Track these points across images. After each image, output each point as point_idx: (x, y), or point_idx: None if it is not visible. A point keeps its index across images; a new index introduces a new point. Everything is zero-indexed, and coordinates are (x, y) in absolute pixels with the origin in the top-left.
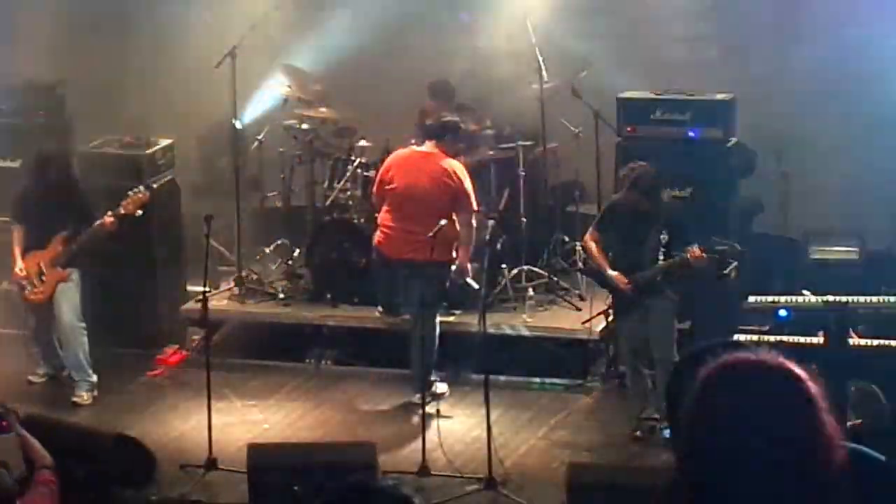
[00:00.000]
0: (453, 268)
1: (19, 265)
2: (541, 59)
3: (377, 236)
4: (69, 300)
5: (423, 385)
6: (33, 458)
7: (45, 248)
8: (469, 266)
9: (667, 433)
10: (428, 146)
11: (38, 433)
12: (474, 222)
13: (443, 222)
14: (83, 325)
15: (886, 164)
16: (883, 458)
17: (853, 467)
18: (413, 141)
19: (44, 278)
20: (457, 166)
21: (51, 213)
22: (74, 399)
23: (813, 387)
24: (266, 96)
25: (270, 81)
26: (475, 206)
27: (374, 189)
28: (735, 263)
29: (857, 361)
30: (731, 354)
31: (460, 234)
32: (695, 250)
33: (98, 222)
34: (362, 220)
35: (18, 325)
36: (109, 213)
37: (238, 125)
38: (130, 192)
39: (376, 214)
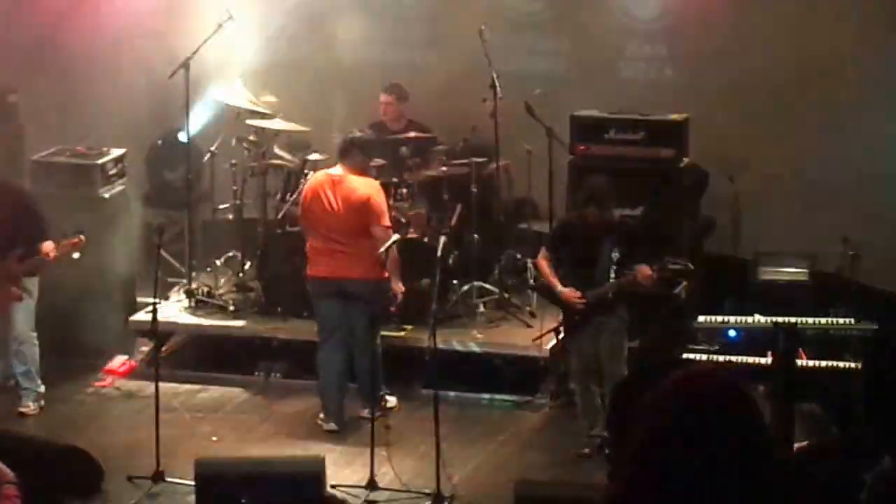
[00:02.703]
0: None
1: None
2: (495, 75)
3: (309, 267)
4: (24, 309)
5: (373, 400)
6: None
7: None
8: (397, 285)
9: None
10: (337, 167)
11: None
12: (390, 237)
13: (395, 237)
14: (35, 334)
15: (837, 187)
16: (826, 480)
17: (797, 489)
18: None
19: None
20: (361, 183)
21: (4, 234)
22: (21, 409)
23: (760, 408)
24: (211, 107)
25: (223, 92)
26: (385, 222)
27: (300, 219)
28: (684, 283)
29: (804, 382)
30: (683, 372)
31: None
32: (644, 269)
33: (39, 256)
34: None
35: None
36: (52, 248)
37: (183, 137)
38: (69, 235)
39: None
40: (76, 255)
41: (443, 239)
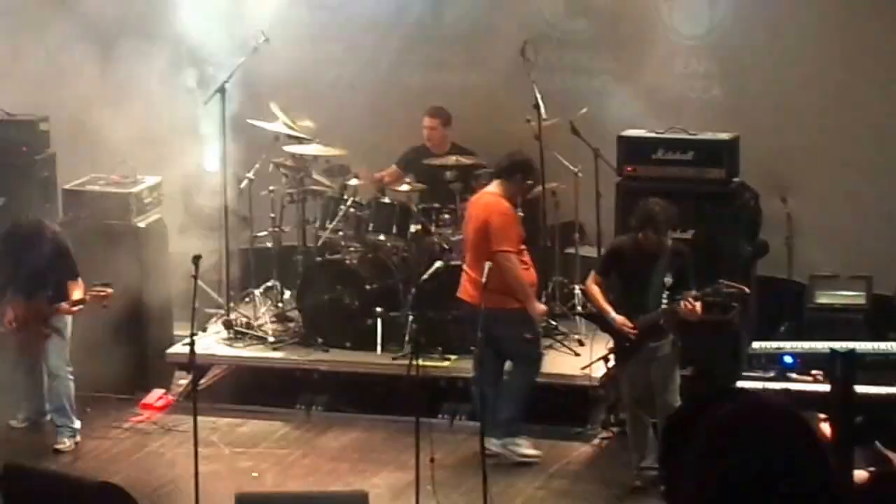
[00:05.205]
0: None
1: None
2: (539, 95)
3: None
4: (57, 344)
5: (492, 433)
6: None
7: (29, 299)
8: (534, 308)
9: None
10: (492, 186)
11: (18, 481)
12: (508, 263)
13: (438, 264)
14: (70, 369)
15: (893, 206)
16: None
17: None
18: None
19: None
20: (495, 205)
21: (38, 277)
22: (56, 446)
23: (822, 436)
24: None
25: (258, 117)
26: (503, 247)
27: None
28: (737, 307)
29: (863, 409)
30: (741, 404)
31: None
32: (688, 304)
33: (61, 305)
34: (355, 262)
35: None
36: (81, 290)
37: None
38: (96, 286)
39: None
40: (105, 305)
41: (488, 265)
